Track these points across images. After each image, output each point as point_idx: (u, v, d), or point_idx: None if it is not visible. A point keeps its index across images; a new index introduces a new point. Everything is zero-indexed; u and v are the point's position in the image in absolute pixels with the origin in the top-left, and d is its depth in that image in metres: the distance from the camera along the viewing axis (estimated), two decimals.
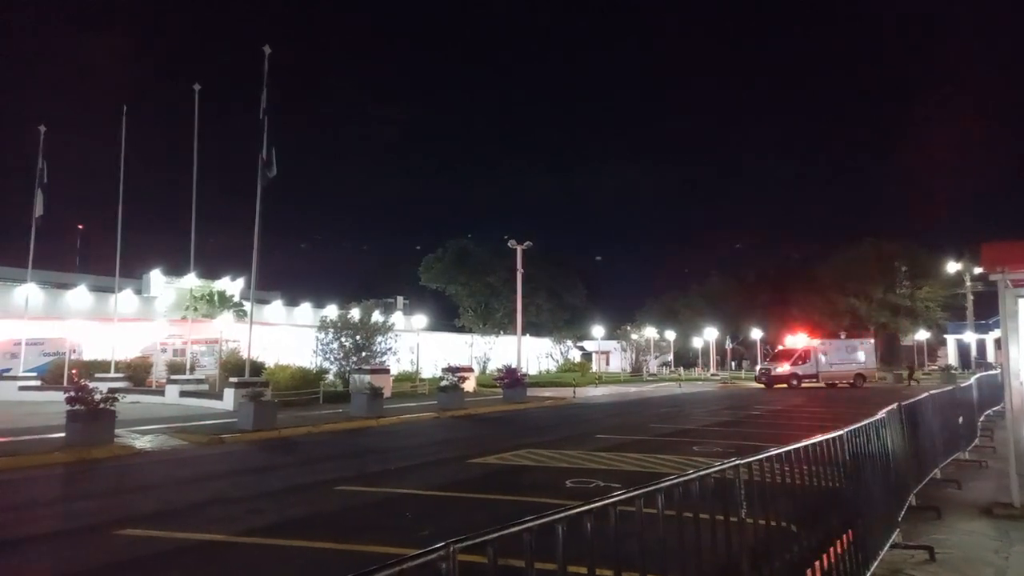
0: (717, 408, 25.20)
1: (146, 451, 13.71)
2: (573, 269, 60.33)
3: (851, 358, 40.44)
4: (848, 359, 40.37)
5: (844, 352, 40.70)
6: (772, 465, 4.17)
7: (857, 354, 40.77)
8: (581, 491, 9.00)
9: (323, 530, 7.25)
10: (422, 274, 54.90)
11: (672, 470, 10.19)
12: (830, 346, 41.03)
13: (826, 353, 40.13)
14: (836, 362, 39.99)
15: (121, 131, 27.19)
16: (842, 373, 39.83)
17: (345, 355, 30.18)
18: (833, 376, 39.73)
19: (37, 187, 25.94)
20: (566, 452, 12.73)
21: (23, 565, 6.34)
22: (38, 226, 26.55)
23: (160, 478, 11.43)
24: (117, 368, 27.76)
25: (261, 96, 20.54)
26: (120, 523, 7.56)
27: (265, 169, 20.21)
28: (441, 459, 13.10)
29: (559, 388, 36.87)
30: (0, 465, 11.58)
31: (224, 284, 38.40)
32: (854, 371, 39.90)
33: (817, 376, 39.45)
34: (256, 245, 21.11)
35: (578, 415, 22.92)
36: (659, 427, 17.75)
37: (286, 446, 15.03)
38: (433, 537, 5.68)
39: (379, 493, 9.48)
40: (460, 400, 23.83)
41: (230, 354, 28.11)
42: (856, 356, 40.64)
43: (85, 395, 13.60)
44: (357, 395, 20.89)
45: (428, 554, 2.26)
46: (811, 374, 39.41)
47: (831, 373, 39.70)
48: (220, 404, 22.05)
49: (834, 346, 41.13)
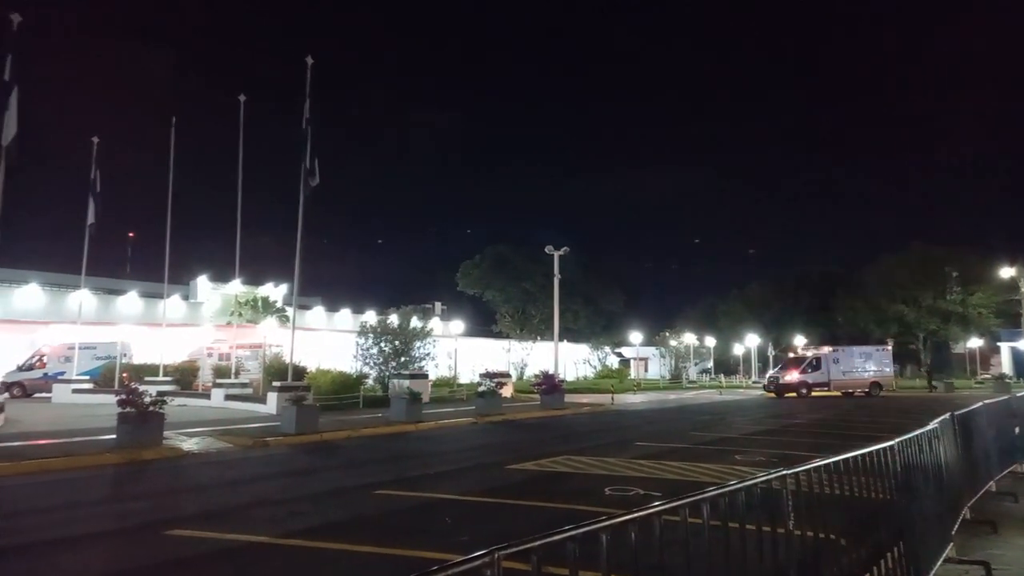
0: (759, 416, 24.73)
1: (193, 453, 14.05)
2: (611, 275, 60.05)
3: (866, 366, 39.11)
4: (863, 367, 39.03)
5: (858, 359, 39.35)
6: (820, 475, 4.08)
7: (872, 362, 39.43)
8: (621, 499, 8.92)
9: (364, 533, 7.33)
10: (460, 280, 55.23)
11: (714, 480, 10.04)
12: (843, 353, 39.77)
13: (838, 360, 38.89)
14: (849, 370, 38.71)
15: (170, 142, 28.03)
16: (856, 381, 38.55)
17: (384, 360, 30.52)
18: (846, 384, 38.46)
19: (90, 196, 26.87)
20: (605, 459, 12.63)
21: (80, 562, 6.56)
22: (91, 233, 27.49)
23: (207, 480, 11.71)
24: (165, 372, 28.58)
25: (304, 107, 20.96)
26: (169, 523, 7.76)
27: (308, 178, 20.60)
28: (479, 464, 13.13)
29: (597, 394, 36.65)
30: (55, 465, 12.01)
31: (267, 290, 39.22)
32: (869, 379, 38.56)
33: (829, 384, 38.23)
34: (299, 252, 21.51)
35: (616, 422, 22.73)
36: (700, 435, 17.50)
37: (327, 449, 15.25)
38: (472, 543, 5.68)
39: (418, 497, 9.54)
40: (498, 406, 23.87)
41: (273, 359, 28.66)
42: (871, 364, 39.30)
43: (135, 398, 14.00)
44: (396, 400, 21.09)
45: (473, 560, 2.27)
46: (822, 382, 38.22)
47: (844, 381, 38.45)
48: (264, 408, 22.49)
49: (847, 353, 39.85)
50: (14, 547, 7.07)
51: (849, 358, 39.17)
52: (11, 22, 17.40)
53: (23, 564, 6.48)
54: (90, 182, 26.72)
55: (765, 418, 23.86)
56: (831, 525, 4.18)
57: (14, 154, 17.35)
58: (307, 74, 21.23)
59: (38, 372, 31.32)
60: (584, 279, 52.83)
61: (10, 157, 17.35)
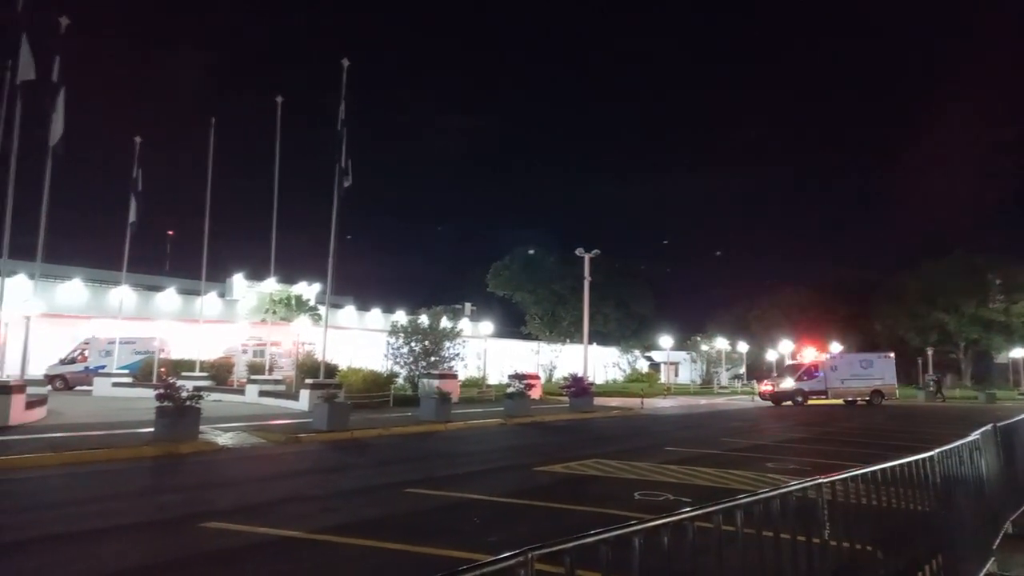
0: (793, 423, 24.34)
1: (228, 448, 14.33)
2: (641, 278, 59.64)
3: (867, 373, 38.12)
4: (864, 374, 38.06)
5: (858, 367, 38.41)
6: (857, 485, 4.02)
7: (874, 370, 38.47)
8: (651, 504, 8.86)
9: (394, 531, 7.40)
10: (489, 281, 55.42)
11: (746, 487, 9.91)
12: (841, 360, 39.03)
13: (836, 368, 38.08)
14: (849, 377, 37.81)
15: (209, 143, 28.63)
16: (856, 389, 37.65)
17: (414, 359, 30.74)
18: (846, 392, 37.64)
19: (132, 195, 27.57)
20: (634, 464, 12.56)
21: (120, 552, 6.74)
22: (132, 231, 28.20)
23: (241, 474, 11.93)
24: (202, 367, 29.18)
25: (339, 108, 21.25)
26: (205, 516, 7.93)
27: (342, 178, 20.88)
28: (508, 466, 13.16)
29: (626, 398, 36.43)
30: (96, 457, 12.36)
31: (301, 288, 39.77)
32: (871, 387, 37.62)
33: (827, 392, 37.44)
34: (332, 252, 21.82)
35: (646, 426, 22.58)
36: (731, 441, 17.29)
37: (358, 447, 15.42)
38: (501, 543, 5.70)
39: (447, 497, 9.60)
40: (526, 407, 23.88)
41: (306, 356, 29.07)
42: (872, 371, 38.32)
43: (173, 393, 14.34)
44: (426, 399, 21.24)
45: (506, 560, 2.29)
46: (819, 390, 37.42)
47: (843, 389, 37.60)
48: (296, 404, 22.83)
49: (846, 360, 39.10)
50: (57, 536, 7.30)
51: (848, 366, 38.41)
52: (59, 25, 17.98)
53: (65, 553, 6.68)
54: (131, 181, 27.41)
55: (798, 425, 23.47)
56: (867, 536, 4.11)
57: (60, 154, 17.92)
58: (342, 76, 21.53)
59: (80, 365, 32.21)
60: (615, 282, 52.60)
61: (56, 156, 17.92)
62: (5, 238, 16.31)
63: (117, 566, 6.23)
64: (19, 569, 6.11)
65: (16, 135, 16.40)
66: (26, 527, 7.72)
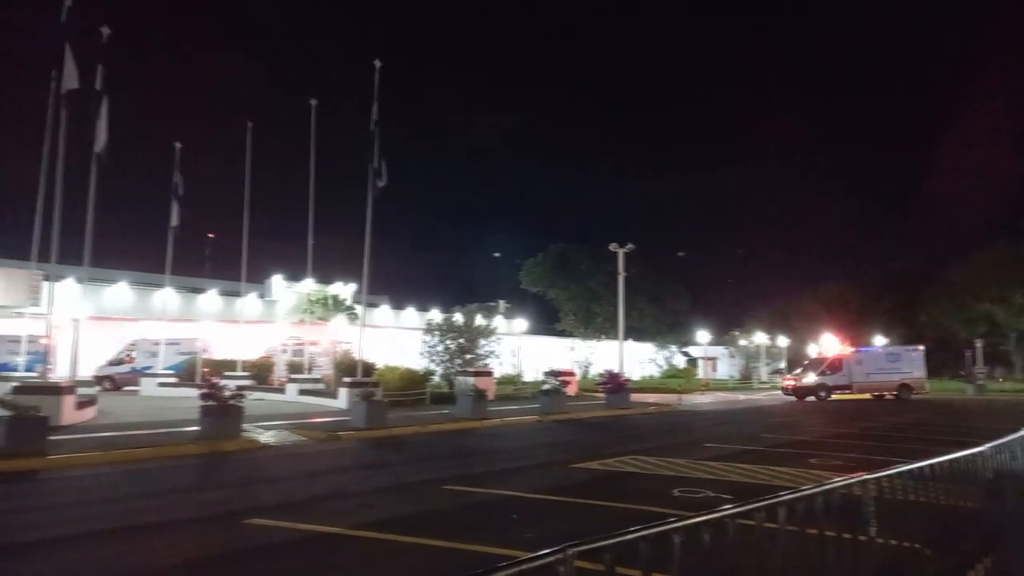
0: (836, 419, 23.85)
1: (270, 445, 14.61)
2: (676, 273, 58.94)
3: (894, 367, 36.99)
4: (891, 368, 36.93)
5: (884, 361, 37.27)
6: (904, 481, 3.92)
7: (901, 363, 37.30)
8: (690, 501, 8.77)
9: (433, 527, 7.46)
10: (523, 278, 55.39)
11: (788, 484, 9.74)
12: (866, 355, 37.94)
13: (861, 362, 37.03)
14: (874, 372, 36.73)
15: (246, 146, 29.19)
16: (882, 384, 36.58)
17: (450, 357, 30.92)
18: (871, 387, 36.59)
19: (173, 199, 28.26)
20: (672, 460, 12.45)
21: (168, 546, 6.93)
22: (175, 235, 28.91)
23: (282, 471, 12.15)
24: (243, 367, 29.79)
25: (372, 108, 21.45)
26: (248, 512, 8.10)
27: (376, 179, 21.08)
28: (545, 463, 13.16)
29: (663, 394, 36.10)
30: (144, 455, 12.72)
31: (337, 288, 40.27)
32: (897, 381, 36.45)
33: (851, 387, 36.44)
34: (367, 251, 22.05)
35: (684, 422, 22.35)
36: (772, 437, 17.02)
37: (396, 444, 15.58)
38: (539, 541, 5.70)
39: (485, 494, 9.64)
40: (562, 404, 23.84)
41: (344, 355, 29.45)
42: (900, 365, 37.15)
43: (216, 392, 14.68)
44: (462, 397, 21.35)
45: (546, 556, 2.29)
46: (843, 385, 36.44)
47: (868, 384, 36.54)
48: (335, 403, 23.16)
49: (872, 355, 38.01)
50: (109, 531, 7.54)
51: (874, 360, 37.39)
52: (100, 35, 18.49)
53: (119, 547, 6.90)
54: (173, 186, 28.09)
55: (842, 421, 22.98)
56: (915, 534, 4.01)
57: (105, 160, 18.45)
58: (375, 77, 21.72)
59: (127, 366, 33.11)
60: (649, 277, 52.10)
61: (101, 163, 18.46)
62: (54, 243, 16.86)
63: (167, 560, 6.40)
64: (78, 562, 6.32)
65: (62, 143, 16.93)
66: (81, 522, 8.00)
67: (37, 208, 18.99)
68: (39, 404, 12.58)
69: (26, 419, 11.93)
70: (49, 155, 18.76)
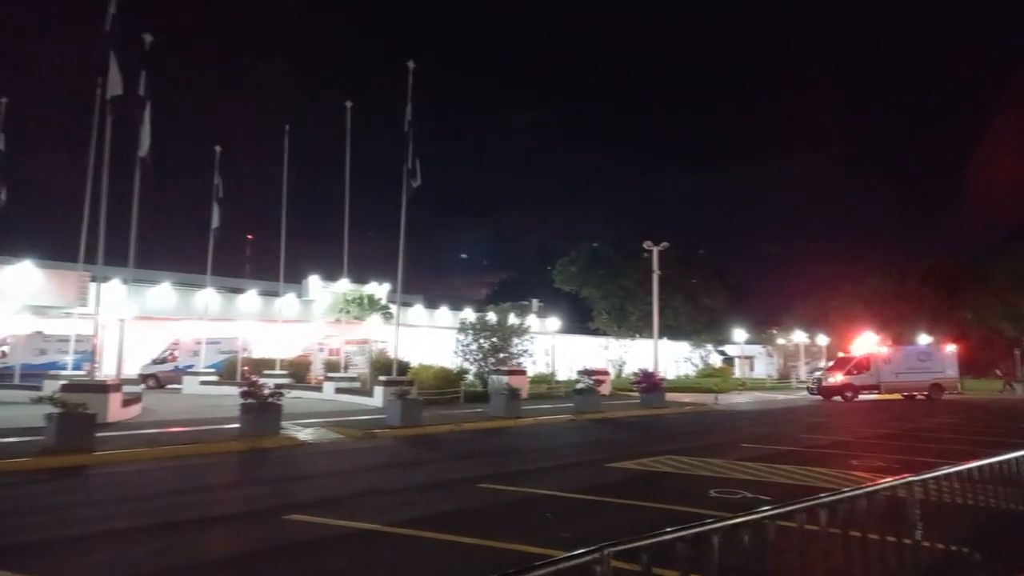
0: (878, 419, 23.31)
1: (308, 443, 14.85)
2: (712, 271, 58.12)
3: (925, 367, 35.87)
4: (921, 368, 35.81)
5: (915, 360, 36.13)
6: (951, 483, 3.81)
7: (932, 362, 36.15)
8: (727, 502, 8.66)
9: (469, 525, 7.50)
10: (556, 277, 55.26)
11: (829, 485, 9.55)
12: (896, 353, 36.82)
13: (889, 361, 35.95)
14: (904, 371, 35.63)
15: (284, 149, 29.70)
16: (912, 384, 35.52)
17: (484, 356, 31.02)
18: (900, 387, 35.52)
19: (213, 201, 28.89)
20: (709, 460, 12.30)
21: (212, 542, 7.10)
22: (215, 236, 29.56)
23: (320, 468, 12.35)
24: (281, 366, 30.33)
25: (406, 109, 21.61)
26: (288, 509, 8.25)
27: (410, 179, 21.24)
28: (579, 462, 13.12)
29: (699, 394, 35.69)
30: (187, 452, 13.05)
31: (372, 288, 40.75)
32: (928, 382, 35.32)
33: (879, 387, 35.40)
34: (402, 251, 22.25)
35: (721, 422, 22.07)
36: (811, 438, 16.70)
37: (431, 443, 15.70)
38: (574, 540, 5.68)
39: (520, 492, 9.65)
40: (596, 403, 23.73)
41: (379, 354, 29.78)
42: (931, 365, 36.03)
43: (256, 390, 14.98)
44: (496, 395, 21.40)
45: (583, 556, 2.29)
46: (871, 385, 35.40)
47: (897, 384, 35.47)
48: (371, 401, 23.43)
49: (902, 353, 36.84)
50: (155, 526, 7.74)
51: (904, 359, 36.31)
52: (143, 42, 18.98)
53: (165, 541, 7.08)
54: (213, 188, 28.71)
55: (885, 421, 22.45)
56: (962, 537, 3.90)
57: (148, 164, 18.93)
58: (409, 78, 21.88)
59: (170, 365, 34.00)
60: (684, 275, 51.51)
61: (144, 167, 18.95)
62: (100, 245, 17.37)
63: (211, 555, 6.56)
64: (126, 555, 6.52)
65: (108, 148, 17.43)
66: (129, 517, 8.24)
67: (84, 211, 19.64)
68: (87, 402, 12.98)
69: (74, 416, 12.31)
70: (95, 160, 19.36)
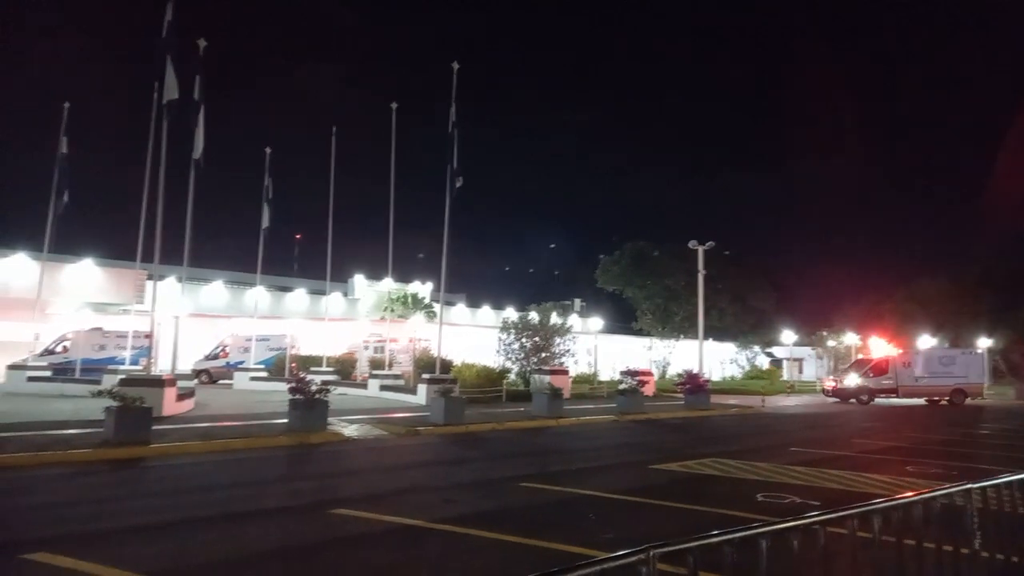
0: (934, 424, 22.54)
1: (353, 439, 15.11)
2: (759, 271, 57.00)
3: (947, 371, 34.45)
4: (943, 372, 34.40)
5: (937, 364, 34.73)
6: (1012, 492, 3.67)
7: (956, 367, 34.64)
8: (775, 507, 8.49)
9: (511, 524, 7.52)
10: (599, 276, 54.94)
11: (882, 492, 9.29)
12: (917, 356, 35.56)
13: (909, 365, 34.67)
14: (926, 375, 34.27)
15: (331, 150, 30.24)
16: (933, 389, 34.14)
17: (526, 355, 31.07)
18: (920, 391, 34.15)
19: (264, 202, 29.62)
20: (756, 464, 12.08)
21: (261, 534, 7.29)
22: (265, 236, 30.29)
23: (365, 464, 12.55)
24: (328, 363, 30.91)
25: (450, 110, 21.79)
26: (334, 503, 8.41)
27: (454, 179, 21.41)
28: (622, 463, 13.04)
29: (745, 396, 35.06)
30: (238, 445, 13.42)
31: (416, 287, 41.24)
32: (951, 387, 33.90)
33: (897, 391, 34.10)
34: (445, 251, 22.45)
35: (768, 425, 21.64)
36: (864, 443, 16.25)
37: (473, 441, 15.80)
38: (618, 541, 5.65)
39: (562, 492, 9.64)
40: (639, 404, 23.54)
41: (422, 352, 30.09)
42: (954, 369, 34.56)
43: (303, 386, 15.30)
44: (538, 395, 21.41)
45: (628, 556, 2.28)
46: (888, 388, 34.16)
47: (917, 388, 34.11)
48: (414, 398, 23.70)
49: (923, 357, 35.56)
50: (209, 517, 8.00)
51: (926, 363, 34.97)
52: (197, 47, 19.57)
53: (218, 532, 7.31)
54: (263, 189, 29.43)
55: (941, 425, 21.69)
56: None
57: (202, 165, 19.51)
58: (453, 79, 22.06)
59: (222, 361, 34.98)
60: (731, 275, 50.64)
61: (199, 169, 19.53)
62: (157, 245, 17.99)
63: (260, 547, 6.74)
64: (182, 545, 6.74)
65: (164, 151, 18.04)
66: (183, 508, 8.53)
67: (141, 211, 20.36)
68: (143, 396, 13.45)
69: (132, 410, 12.79)
70: (152, 162, 20.05)
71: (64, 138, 24.89)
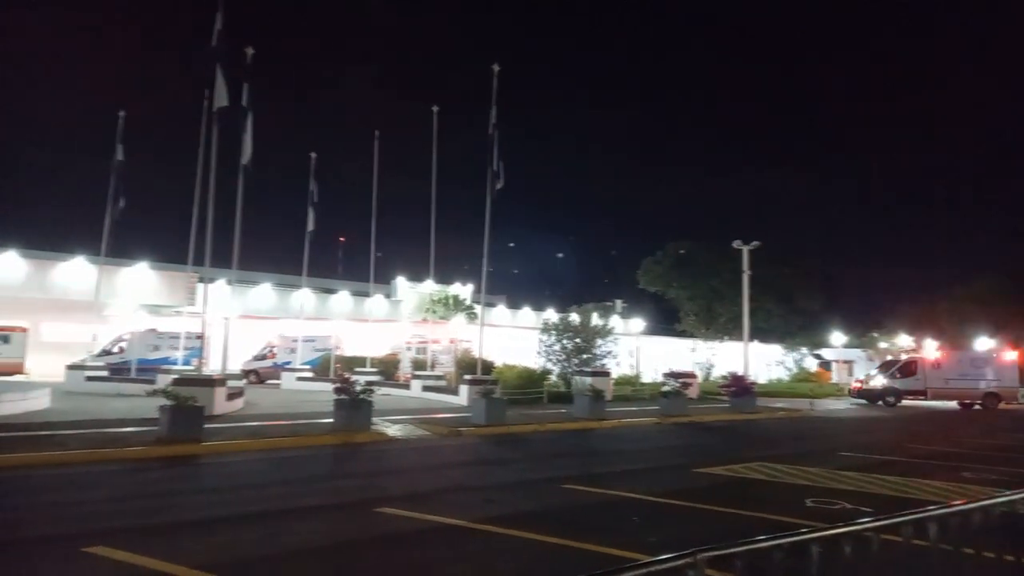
0: (993, 428, 21.69)
1: (396, 439, 15.29)
2: (807, 271, 55.60)
3: (979, 374, 33.03)
4: (975, 375, 32.99)
5: (969, 367, 33.30)
6: None
7: (988, 370, 33.16)
8: (824, 512, 8.29)
9: (553, 525, 7.51)
10: (641, 277, 54.36)
11: (937, 498, 8.99)
12: (948, 358, 34.14)
13: (939, 367, 33.29)
14: (956, 378, 32.88)
15: (374, 154, 30.66)
16: (963, 392, 32.76)
17: (567, 357, 30.93)
18: (949, 395, 32.77)
19: (309, 206, 30.19)
20: (804, 468, 11.80)
21: (310, 531, 7.44)
22: (311, 239, 30.89)
23: (409, 464, 12.69)
24: (371, 364, 31.33)
25: (491, 112, 21.85)
26: (378, 502, 8.52)
27: (494, 181, 21.47)
28: (665, 466, 12.89)
29: (792, 399, 34.25)
30: (285, 444, 13.72)
31: (457, 289, 41.52)
32: (983, 390, 32.45)
33: (926, 393, 32.78)
34: (486, 252, 22.52)
35: (817, 429, 21.13)
36: (917, 447, 15.73)
37: (514, 442, 15.82)
38: (662, 544, 5.59)
39: (604, 494, 9.59)
40: (683, 406, 23.23)
41: (464, 353, 30.24)
42: (986, 372, 33.11)
43: (348, 387, 15.54)
44: (579, 396, 21.32)
45: (675, 559, 2.26)
46: (916, 390, 32.90)
47: (946, 391, 32.71)
48: (456, 399, 23.84)
49: (954, 359, 34.06)
50: (259, 513, 8.20)
51: (957, 365, 33.56)
52: (245, 55, 20.06)
53: (267, 528, 7.49)
54: (309, 193, 30.01)
55: (999, 431, 20.86)
56: None
57: (250, 170, 20.00)
58: (493, 81, 22.11)
59: (269, 361, 35.78)
60: (777, 276, 49.50)
61: (247, 174, 20.03)
62: (207, 248, 18.50)
63: (308, 543, 6.87)
64: (233, 540, 6.93)
65: (215, 156, 18.54)
66: (233, 504, 8.76)
67: (193, 216, 20.97)
68: (196, 395, 13.85)
69: (185, 408, 13.17)
70: (202, 167, 20.63)
71: (120, 145, 25.83)
